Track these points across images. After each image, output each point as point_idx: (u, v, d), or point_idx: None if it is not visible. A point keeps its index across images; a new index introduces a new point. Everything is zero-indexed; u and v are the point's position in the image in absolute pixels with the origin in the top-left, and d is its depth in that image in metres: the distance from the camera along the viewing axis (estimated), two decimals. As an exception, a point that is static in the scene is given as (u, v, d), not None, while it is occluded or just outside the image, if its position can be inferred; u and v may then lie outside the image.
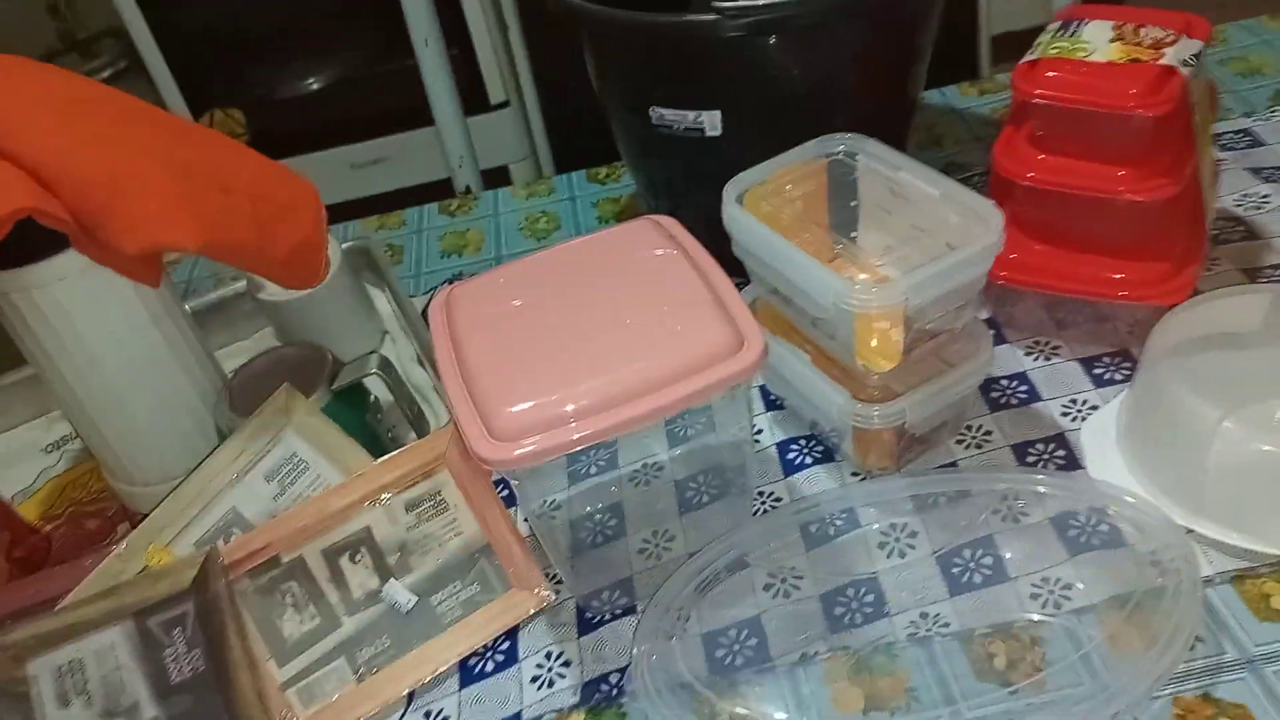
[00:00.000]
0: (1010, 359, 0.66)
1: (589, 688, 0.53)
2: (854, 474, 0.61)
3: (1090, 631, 0.50)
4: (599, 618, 0.56)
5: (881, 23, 0.64)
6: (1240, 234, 0.71)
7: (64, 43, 1.98)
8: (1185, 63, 0.57)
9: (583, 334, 0.47)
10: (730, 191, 0.58)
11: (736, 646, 0.53)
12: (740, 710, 0.50)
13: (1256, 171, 0.76)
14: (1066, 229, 0.63)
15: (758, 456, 0.63)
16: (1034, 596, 0.52)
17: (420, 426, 0.67)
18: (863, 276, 0.55)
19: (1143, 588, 0.50)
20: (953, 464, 0.60)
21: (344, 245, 0.77)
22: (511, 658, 0.55)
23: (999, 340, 0.67)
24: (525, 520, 0.60)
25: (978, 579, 0.54)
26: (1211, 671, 0.48)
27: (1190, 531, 0.53)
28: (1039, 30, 0.63)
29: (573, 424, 0.43)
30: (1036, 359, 0.66)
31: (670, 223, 0.54)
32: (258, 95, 1.95)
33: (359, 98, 1.97)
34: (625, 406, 0.43)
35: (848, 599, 0.54)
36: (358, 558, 0.55)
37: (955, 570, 0.54)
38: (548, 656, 0.54)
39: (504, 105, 1.48)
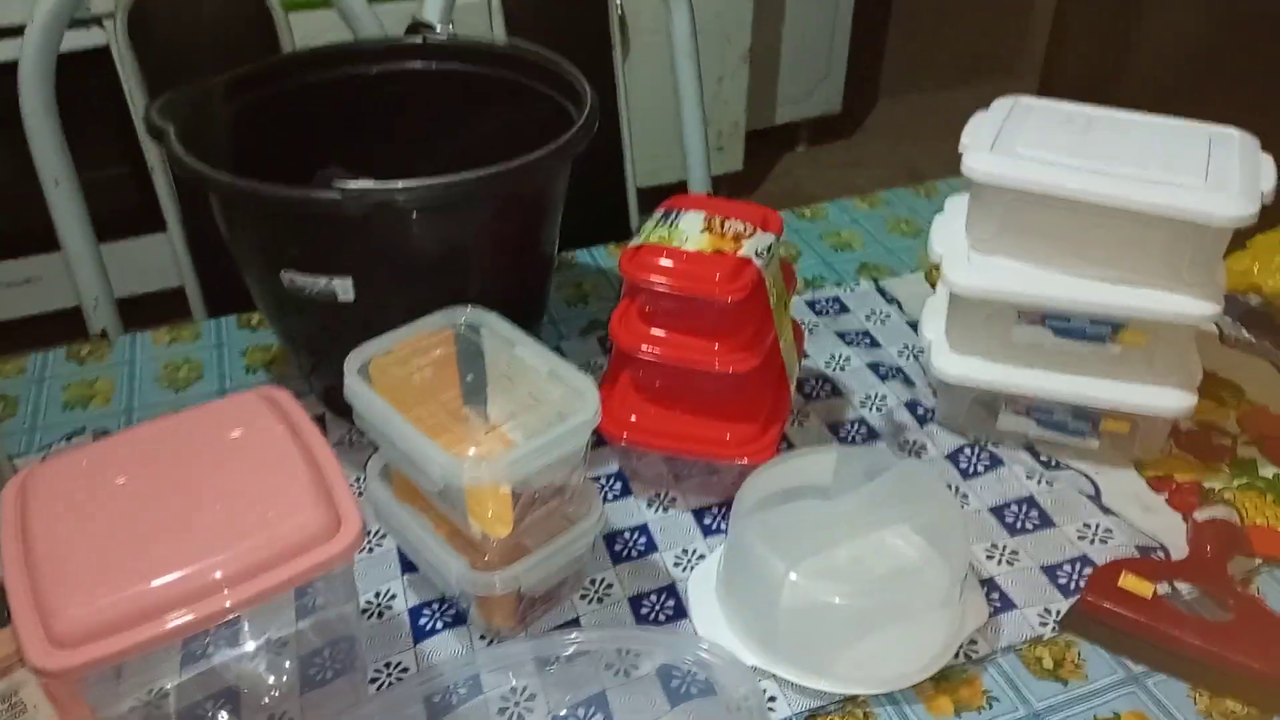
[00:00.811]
0: (634, 511, 0.71)
1: None
2: (482, 637, 0.62)
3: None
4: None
5: (504, 198, 0.68)
6: (828, 391, 0.82)
7: None
8: (758, 254, 0.66)
9: (167, 522, 0.45)
10: (352, 362, 0.59)
11: (346, 835, 0.51)
12: None
13: (842, 335, 0.88)
14: (676, 393, 0.70)
15: (388, 624, 0.63)
16: (638, 751, 0.55)
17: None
18: (472, 450, 0.57)
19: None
20: (575, 620, 0.63)
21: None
22: None
23: (625, 493, 0.72)
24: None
25: (589, 738, 0.56)
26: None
27: (773, 675, 0.59)
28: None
29: (140, 626, 0.41)
30: (656, 510, 0.71)
31: (283, 396, 0.54)
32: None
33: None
34: (202, 603, 0.42)
35: (464, 770, 0.54)
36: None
37: (569, 730, 0.56)
38: None
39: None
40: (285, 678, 0.58)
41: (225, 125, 0.75)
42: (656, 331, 0.68)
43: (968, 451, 0.75)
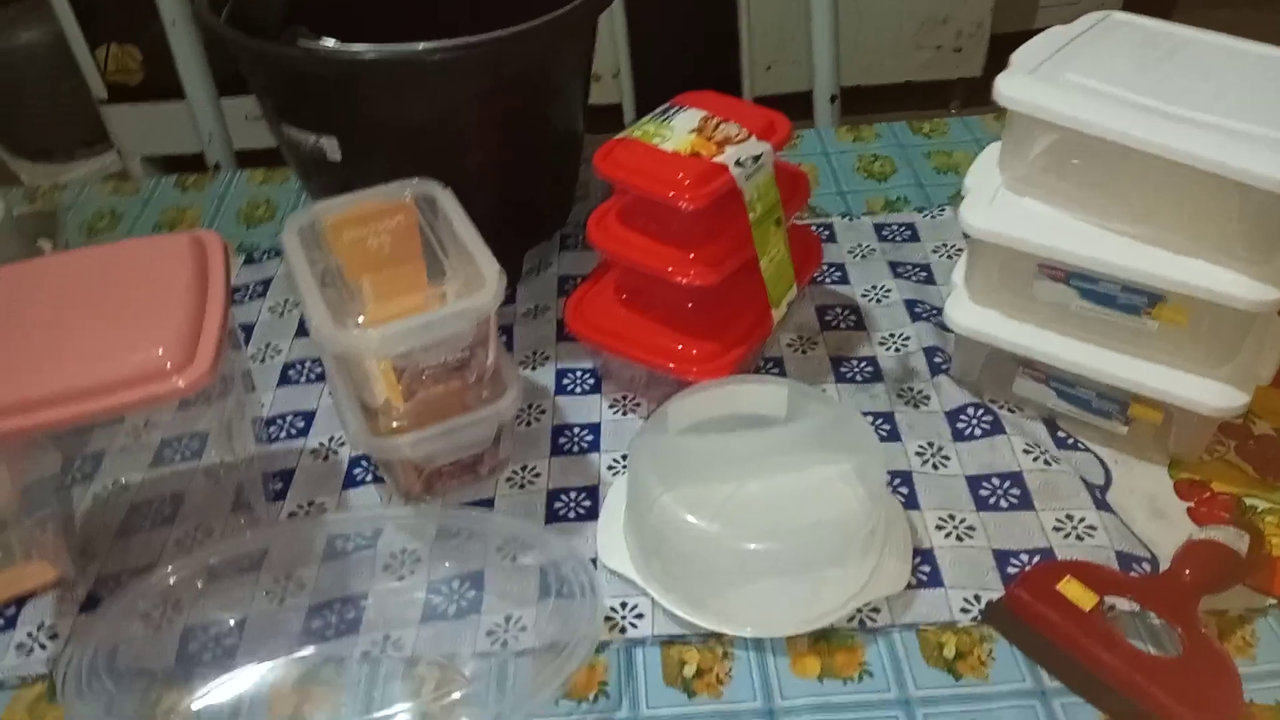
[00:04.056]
0: (592, 409, 0.70)
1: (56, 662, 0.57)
2: (405, 499, 0.65)
3: (521, 675, 0.54)
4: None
5: (492, 72, 0.67)
6: (851, 323, 0.76)
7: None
8: (740, 163, 0.62)
9: (47, 338, 0.51)
10: (297, 219, 0.61)
11: (211, 642, 0.57)
12: (185, 704, 0.54)
13: (894, 266, 0.81)
14: (648, 302, 0.68)
15: (328, 467, 0.67)
16: (489, 633, 0.57)
17: None
18: (360, 319, 0.59)
19: (582, 639, 0.55)
20: (490, 500, 0.64)
21: (16, 210, 0.80)
22: (10, 623, 0.59)
23: (594, 390, 0.72)
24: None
25: (452, 609, 0.58)
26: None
27: (648, 594, 0.58)
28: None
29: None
30: (617, 412, 0.70)
31: (213, 242, 0.58)
32: (154, 33, 1.96)
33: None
34: (46, 410, 0.47)
35: (332, 612, 0.58)
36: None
37: (437, 599, 0.58)
38: (38, 627, 0.58)
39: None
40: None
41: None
42: (628, 234, 0.65)
43: (970, 412, 0.68)
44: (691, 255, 0.63)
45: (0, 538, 0.59)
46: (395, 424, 0.59)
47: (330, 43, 0.60)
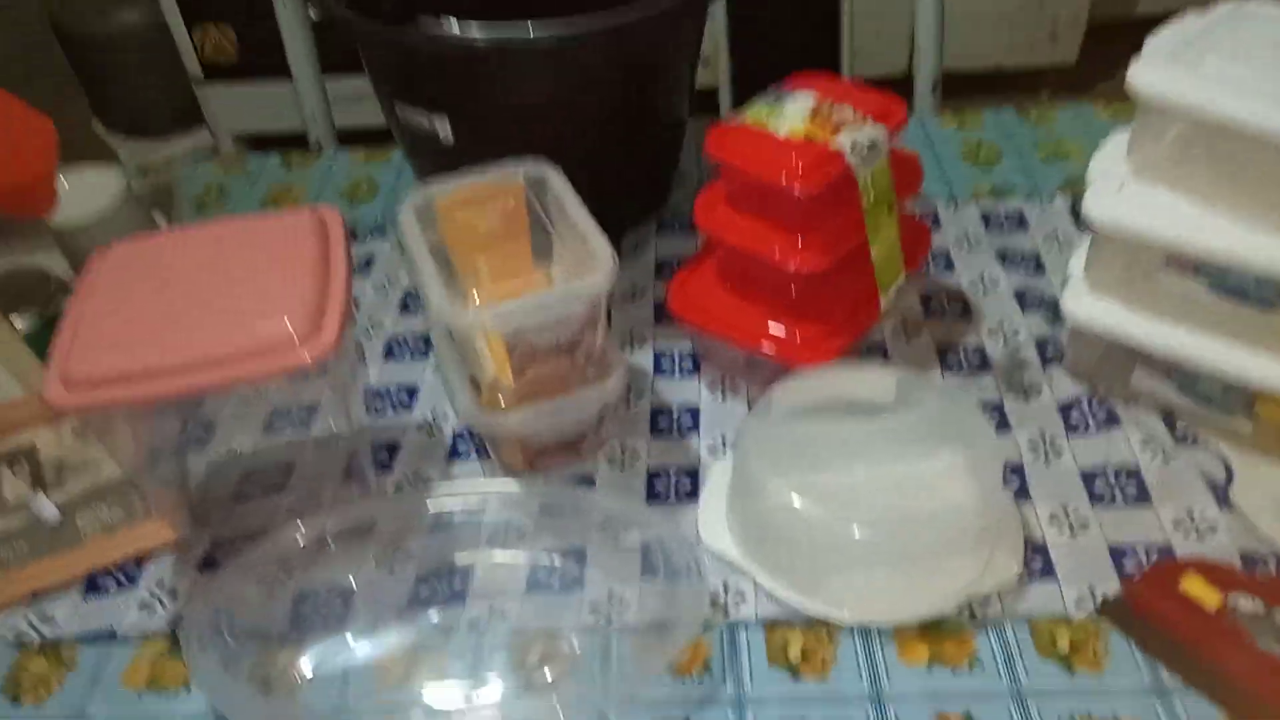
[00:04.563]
0: (691, 392, 0.70)
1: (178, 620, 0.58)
2: (507, 473, 0.65)
3: (625, 651, 0.55)
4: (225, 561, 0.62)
5: (602, 55, 0.67)
6: (957, 312, 0.75)
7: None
8: (854, 148, 0.61)
9: (178, 308, 0.52)
10: (412, 197, 0.62)
11: (322, 607, 0.58)
12: (298, 665, 0.55)
13: (1002, 255, 0.79)
14: (753, 285, 0.67)
15: (434, 442, 0.68)
16: (593, 609, 0.57)
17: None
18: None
19: (688, 619, 0.55)
20: (591, 479, 0.65)
21: (132, 180, 0.82)
22: (132, 580, 0.61)
23: (693, 372, 0.72)
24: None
25: (556, 584, 0.58)
26: (700, 703, 0.52)
27: (752, 577, 0.57)
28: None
29: (126, 385, 0.48)
30: (716, 396, 0.70)
31: (333, 218, 0.59)
32: (250, 14, 2.01)
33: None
34: (177, 378, 0.48)
35: (438, 581, 0.59)
36: (16, 468, 0.61)
37: (541, 573, 0.59)
38: (159, 585, 0.60)
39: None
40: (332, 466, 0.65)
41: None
42: (736, 217, 0.65)
43: (1085, 404, 0.66)
44: (800, 240, 0.62)
45: (125, 497, 0.62)
46: (504, 401, 0.60)
47: (451, 24, 0.61)
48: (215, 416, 0.69)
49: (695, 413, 0.69)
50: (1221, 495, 0.60)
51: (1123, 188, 0.61)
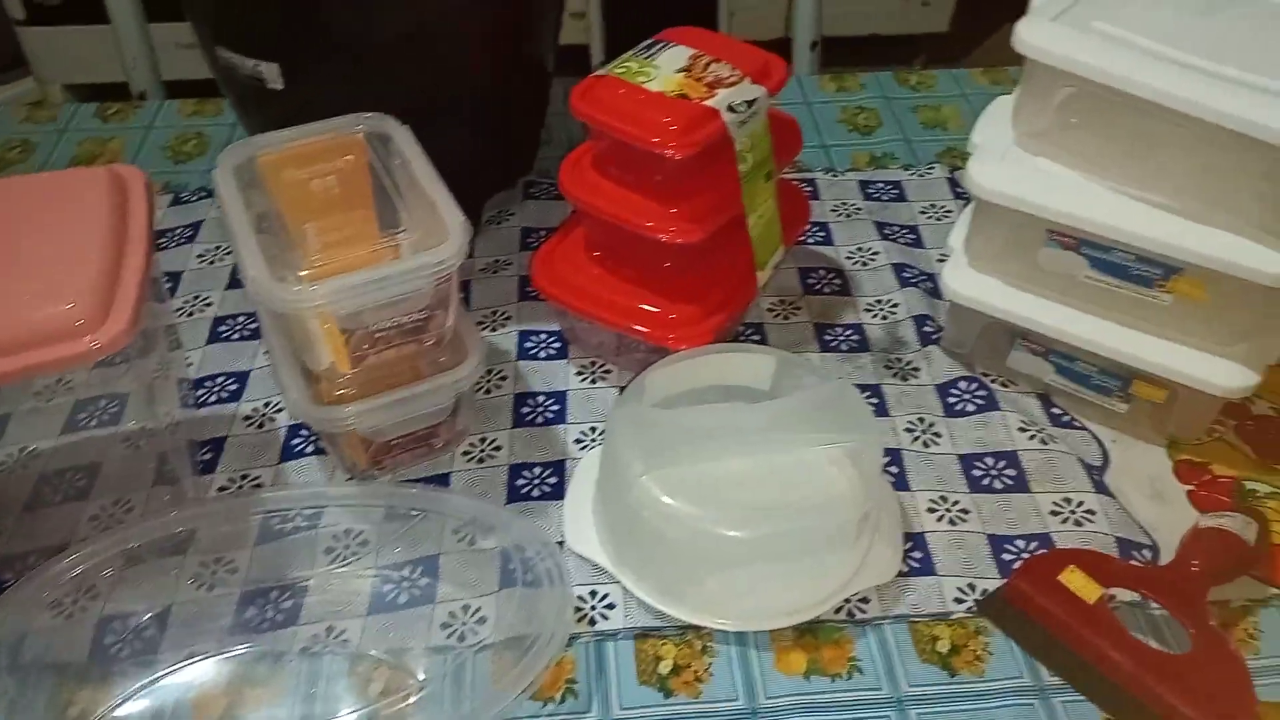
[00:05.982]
0: (558, 376, 0.65)
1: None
2: (348, 475, 0.59)
3: (481, 672, 0.49)
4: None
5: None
6: (835, 287, 0.71)
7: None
8: (732, 107, 0.56)
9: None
10: (231, 155, 0.54)
11: (130, 636, 0.51)
12: (100, 707, 0.48)
13: (881, 227, 0.76)
14: (623, 259, 0.62)
15: (263, 436, 0.61)
16: (445, 625, 0.51)
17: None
18: (304, 273, 0.52)
19: (550, 634, 0.50)
20: (446, 477, 0.59)
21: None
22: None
23: (560, 355, 0.66)
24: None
25: (403, 599, 0.53)
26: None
27: (619, 582, 0.53)
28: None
29: None
30: (585, 380, 0.65)
31: (135, 178, 0.50)
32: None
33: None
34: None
35: (267, 601, 0.52)
36: None
37: (387, 587, 0.53)
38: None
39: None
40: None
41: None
42: (603, 183, 0.59)
43: (963, 385, 0.64)
44: (674, 210, 0.57)
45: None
46: (340, 392, 0.53)
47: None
48: (8, 411, 0.60)
49: (563, 399, 0.63)
50: (1098, 480, 0.59)
51: (1006, 156, 0.58)
